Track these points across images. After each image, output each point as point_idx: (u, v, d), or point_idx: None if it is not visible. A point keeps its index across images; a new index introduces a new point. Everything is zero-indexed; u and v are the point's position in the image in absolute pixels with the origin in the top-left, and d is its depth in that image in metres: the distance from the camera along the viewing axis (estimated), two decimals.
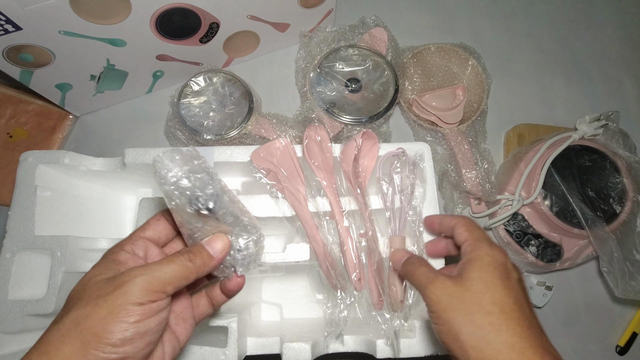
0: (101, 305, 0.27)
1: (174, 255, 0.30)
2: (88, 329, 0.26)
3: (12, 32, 0.46)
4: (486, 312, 0.31)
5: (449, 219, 0.41)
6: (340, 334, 0.44)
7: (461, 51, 0.67)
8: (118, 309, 0.26)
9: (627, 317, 0.64)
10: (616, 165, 0.60)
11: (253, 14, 0.59)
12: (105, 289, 0.27)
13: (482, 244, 0.36)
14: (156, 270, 0.28)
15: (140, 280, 0.27)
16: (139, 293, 0.27)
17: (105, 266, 0.30)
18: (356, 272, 0.45)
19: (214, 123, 0.58)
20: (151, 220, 0.33)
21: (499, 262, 0.34)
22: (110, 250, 0.31)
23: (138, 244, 0.32)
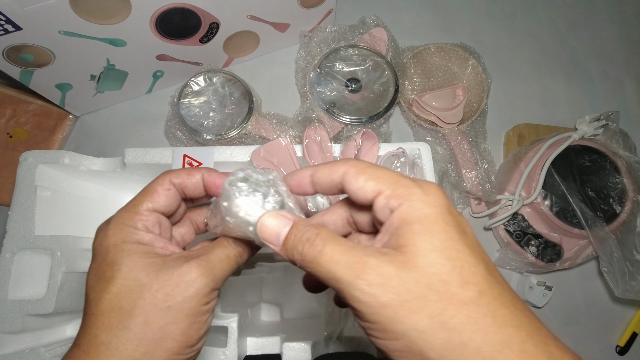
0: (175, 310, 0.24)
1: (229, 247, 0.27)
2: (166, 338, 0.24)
3: (12, 32, 0.46)
4: (460, 303, 0.20)
5: (327, 173, 0.25)
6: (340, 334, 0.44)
7: (461, 51, 0.67)
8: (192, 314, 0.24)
9: (627, 317, 0.64)
10: (616, 165, 0.60)
11: (253, 14, 0.59)
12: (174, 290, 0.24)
13: (410, 190, 0.22)
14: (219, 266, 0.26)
15: (210, 281, 0.25)
16: (208, 294, 0.25)
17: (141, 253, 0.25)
18: None
19: (214, 123, 0.58)
20: (159, 188, 0.27)
21: (445, 211, 0.22)
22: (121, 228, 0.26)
23: (151, 219, 0.27)
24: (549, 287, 0.60)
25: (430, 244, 0.20)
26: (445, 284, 0.20)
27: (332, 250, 0.22)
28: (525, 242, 0.60)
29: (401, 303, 0.20)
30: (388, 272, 0.20)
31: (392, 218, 0.22)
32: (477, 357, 0.19)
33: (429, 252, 0.20)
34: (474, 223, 0.65)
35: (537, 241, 0.60)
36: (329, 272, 0.21)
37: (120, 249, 0.25)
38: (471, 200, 0.64)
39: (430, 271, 0.20)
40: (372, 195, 0.23)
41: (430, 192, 0.22)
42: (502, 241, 0.62)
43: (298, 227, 0.24)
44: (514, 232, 0.61)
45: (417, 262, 0.20)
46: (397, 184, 0.22)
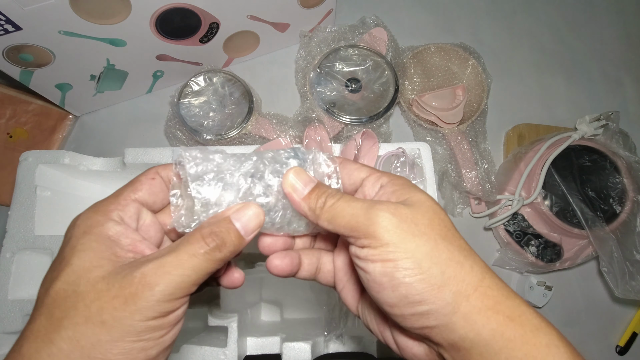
0: (112, 327, 0.20)
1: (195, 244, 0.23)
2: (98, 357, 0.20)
3: (12, 32, 0.46)
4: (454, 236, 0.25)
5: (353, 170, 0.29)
6: (340, 334, 0.44)
7: (461, 51, 0.67)
8: (136, 331, 0.21)
9: (627, 317, 0.64)
10: (616, 165, 0.60)
11: (253, 14, 0.59)
12: (112, 302, 0.21)
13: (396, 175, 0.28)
14: (178, 272, 0.22)
15: (160, 291, 0.21)
16: (158, 307, 0.21)
17: (95, 251, 0.22)
18: None
19: (214, 123, 0.58)
20: (143, 178, 0.26)
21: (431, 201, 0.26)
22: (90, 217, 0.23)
23: (128, 209, 0.24)
24: (549, 287, 0.60)
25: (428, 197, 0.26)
26: (443, 221, 0.25)
27: (348, 197, 0.25)
28: (525, 242, 0.60)
29: (412, 226, 0.24)
30: (400, 206, 0.24)
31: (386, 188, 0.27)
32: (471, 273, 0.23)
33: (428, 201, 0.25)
34: (474, 223, 0.65)
35: (537, 241, 0.60)
36: (349, 208, 0.25)
37: (77, 242, 0.22)
38: (471, 200, 0.64)
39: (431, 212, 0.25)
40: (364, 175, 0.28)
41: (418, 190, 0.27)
42: (502, 241, 0.62)
43: (322, 184, 0.27)
44: (514, 232, 0.61)
45: (422, 204, 0.25)
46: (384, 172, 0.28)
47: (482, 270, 0.24)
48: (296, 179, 0.26)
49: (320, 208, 0.25)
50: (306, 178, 0.26)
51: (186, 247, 0.22)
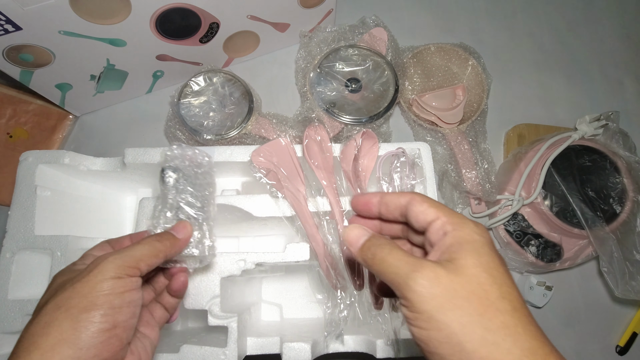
0: (80, 287, 0.28)
1: (142, 240, 0.33)
2: (74, 307, 0.27)
3: (12, 32, 0.46)
4: (497, 310, 0.24)
5: (396, 197, 0.31)
6: (340, 334, 0.44)
7: (461, 51, 0.67)
8: (100, 284, 0.28)
9: (627, 317, 0.64)
10: (616, 165, 0.60)
11: (253, 14, 0.59)
12: (81, 274, 0.29)
13: (464, 220, 0.28)
14: (127, 250, 0.31)
15: (113, 259, 0.30)
16: (114, 270, 0.29)
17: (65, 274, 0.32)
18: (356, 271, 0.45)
19: (214, 123, 0.58)
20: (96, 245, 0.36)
21: (490, 243, 0.27)
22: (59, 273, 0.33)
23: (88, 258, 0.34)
24: (549, 287, 0.60)
25: (478, 261, 0.25)
26: (486, 293, 0.24)
27: (397, 253, 0.27)
28: (525, 242, 0.60)
29: (448, 298, 0.24)
30: (440, 272, 0.25)
31: (446, 238, 0.27)
32: (507, 357, 0.23)
33: (475, 267, 0.25)
34: None
35: (537, 241, 0.60)
36: (392, 266, 0.27)
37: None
38: (471, 200, 0.64)
39: (476, 281, 0.25)
40: (431, 219, 0.28)
41: (479, 226, 0.28)
42: (502, 241, 0.62)
43: (375, 236, 0.30)
44: (514, 232, 0.61)
45: (465, 271, 0.25)
46: (452, 214, 0.28)
47: (523, 353, 0.23)
48: (350, 234, 0.30)
49: (371, 259, 0.28)
50: (359, 232, 0.30)
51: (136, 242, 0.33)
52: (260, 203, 0.47)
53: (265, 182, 0.47)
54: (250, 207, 0.47)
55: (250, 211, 0.47)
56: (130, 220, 0.58)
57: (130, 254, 0.31)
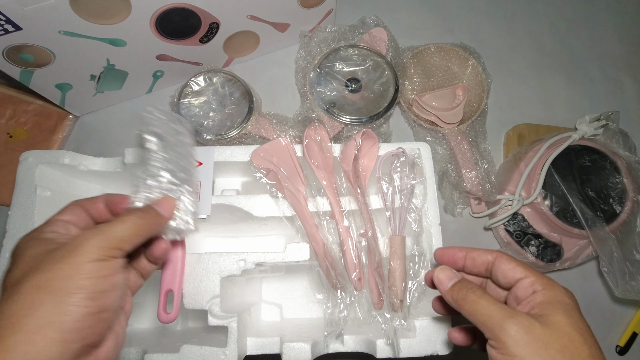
0: (63, 268, 0.26)
1: (124, 215, 0.31)
2: (58, 289, 0.26)
3: (12, 32, 0.46)
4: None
5: (482, 254, 0.34)
6: (340, 333, 0.44)
7: (461, 51, 0.67)
8: (83, 266, 0.27)
9: (627, 317, 0.64)
10: (616, 165, 0.60)
11: (253, 14, 0.59)
12: (60, 252, 0.27)
13: (553, 282, 0.31)
14: (110, 230, 0.29)
15: (95, 241, 0.28)
16: (97, 252, 0.27)
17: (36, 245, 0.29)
18: (356, 271, 0.45)
19: (214, 123, 0.58)
20: (66, 209, 0.32)
21: (578, 307, 0.30)
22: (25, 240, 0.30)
23: (58, 225, 0.31)
24: None
25: (570, 321, 0.28)
26: (578, 350, 0.26)
27: (489, 298, 0.30)
28: (525, 242, 0.60)
29: (542, 347, 0.26)
30: (534, 323, 0.27)
31: (536, 296, 0.30)
32: None
33: (568, 325, 0.27)
34: (474, 223, 0.65)
35: (537, 241, 0.60)
36: (486, 308, 0.29)
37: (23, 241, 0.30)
38: (471, 200, 0.64)
39: (568, 338, 0.27)
40: (519, 277, 0.31)
41: (568, 290, 0.31)
42: (502, 241, 0.62)
43: (465, 279, 0.33)
44: (514, 232, 0.61)
45: (559, 328, 0.27)
46: (541, 274, 0.31)
47: None
48: (441, 275, 0.33)
49: (462, 299, 0.31)
50: (450, 274, 0.33)
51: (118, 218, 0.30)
52: (260, 203, 0.47)
53: (265, 182, 0.47)
54: (250, 207, 0.47)
55: (250, 211, 0.47)
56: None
57: (113, 234, 0.29)
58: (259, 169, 0.47)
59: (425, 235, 0.47)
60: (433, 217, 0.48)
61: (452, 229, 0.65)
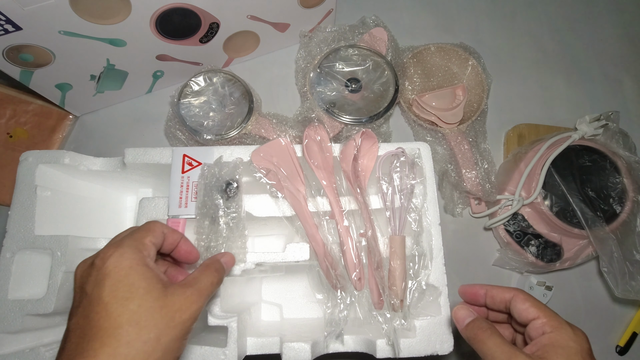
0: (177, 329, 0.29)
1: (211, 275, 0.34)
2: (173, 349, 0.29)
3: (12, 32, 0.46)
4: None
5: (500, 291, 0.36)
6: (340, 333, 0.44)
7: (461, 51, 0.67)
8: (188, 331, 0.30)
9: (627, 317, 0.64)
10: (616, 165, 0.60)
11: (253, 14, 0.59)
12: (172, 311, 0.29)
13: (563, 325, 0.33)
14: (206, 292, 0.32)
15: (198, 305, 0.31)
16: (195, 321, 0.31)
17: (151, 279, 0.30)
18: (356, 271, 0.45)
19: (214, 123, 0.58)
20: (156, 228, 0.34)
21: (585, 351, 0.32)
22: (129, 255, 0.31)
23: (151, 250, 0.33)
24: (549, 287, 0.60)
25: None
26: None
27: (496, 339, 0.32)
28: (525, 242, 0.60)
29: None
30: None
31: (543, 337, 0.32)
32: None
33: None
34: (474, 223, 0.65)
35: (537, 241, 0.60)
36: (491, 350, 0.32)
37: (136, 271, 0.30)
38: (471, 200, 0.64)
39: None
40: (532, 317, 0.34)
41: (578, 334, 0.33)
42: (502, 241, 0.62)
43: (479, 319, 0.35)
44: (514, 232, 0.61)
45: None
46: (553, 316, 0.34)
47: None
48: (458, 313, 0.36)
49: (473, 338, 0.34)
50: (465, 313, 0.36)
51: (208, 278, 0.33)
52: (260, 203, 0.47)
53: (265, 182, 0.47)
54: (250, 207, 0.47)
55: (250, 211, 0.47)
56: (130, 220, 0.58)
57: (207, 296, 0.32)
58: (259, 169, 0.47)
59: (425, 235, 0.47)
60: (433, 217, 0.48)
61: (452, 229, 0.65)
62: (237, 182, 0.46)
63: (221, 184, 0.45)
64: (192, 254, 0.38)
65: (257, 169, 0.47)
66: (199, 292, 0.32)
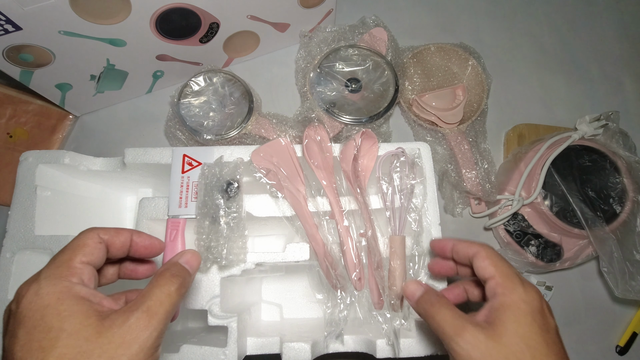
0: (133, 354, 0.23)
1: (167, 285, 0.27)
2: None
3: (12, 32, 0.46)
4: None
5: (465, 246, 0.35)
6: (340, 333, 0.44)
7: (461, 51, 0.67)
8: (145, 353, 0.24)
9: (627, 317, 0.64)
10: (616, 165, 0.60)
11: (253, 14, 0.59)
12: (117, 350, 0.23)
13: (515, 285, 0.31)
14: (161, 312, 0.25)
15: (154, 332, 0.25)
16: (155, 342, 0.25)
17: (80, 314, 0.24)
18: (356, 271, 0.45)
19: (214, 123, 0.58)
20: (90, 242, 0.28)
21: (536, 311, 0.30)
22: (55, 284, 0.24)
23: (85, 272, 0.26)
24: (549, 287, 0.60)
25: (516, 330, 0.28)
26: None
27: (444, 313, 0.31)
28: (525, 242, 0.60)
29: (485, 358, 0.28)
30: (480, 337, 0.29)
31: (495, 300, 0.31)
32: None
33: (513, 336, 0.28)
34: (474, 223, 0.65)
35: (537, 241, 0.60)
36: (440, 325, 0.31)
37: (56, 311, 0.23)
38: (471, 200, 0.64)
39: (511, 349, 0.28)
40: (488, 276, 0.32)
41: (529, 293, 0.31)
42: (502, 241, 0.62)
43: (428, 292, 0.34)
44: (514, 232, 0.61)
45: (503, 339, 0.28)
46: (507, 276, 0.31)
47: None
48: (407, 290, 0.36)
49: (423, 315, 0.33)
50: (414, 288, 0.35)
51: (159, 290, 0.26)
52: (260, 203, 0.47)
53: (265, 182, 0.47)
54: (250, 207, 0.47)
55: (250, 211, 0.47)
56: (130, 220, 0.58)
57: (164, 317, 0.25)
58: (259, 169, 0.47)
59: (425, 235, 0.47)
60: (433, 217, 0.48)
61: (452, 229, 0.65)
62: (238, 182, 0.46)
63: (222, 184, 0.45)
64: (153, 247, 0.31)
65: (257, 169, 0.47)
66: (149, 312, 0.24)
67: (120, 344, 0.23)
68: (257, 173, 0.47)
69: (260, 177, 0.47)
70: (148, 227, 0.47)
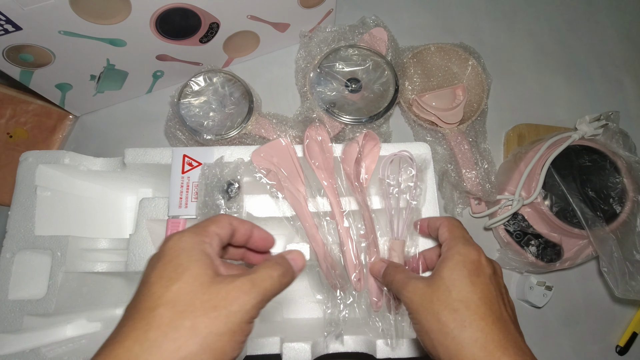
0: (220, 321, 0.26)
1: (270, 268, 0.30)
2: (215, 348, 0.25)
3: (12, 32, 0.46)
4: (452, 309, 0.32)
5: (434, 220, 0.42)
6: (340, 334, 0.44)
7: (461, 51, 0.67)
8: (241, 329, 0.27)
9: (627, 317, 0.64)
10: (616, 165, 0.60)
11: (253, 14, 0.59)
12: (217, 299, 0.26)
13: (457, 242, 0.37)
14: (264, 287, 0.29)
15: (255, 301, 0.27)
16: (254, 312, 0.28)
17: (204, 263, 0.28)
18: (356, 272, 0.45)
19: (214, 123, 0.58)
20: (222, 220, 0.32)
21: (469, 260, 0.35)
22: (192, 238, 0.29)
23: (215, 239, 0.31)
24: (549, 287, 0.60)
25: (447, 274, 0.35)
26: (446, 297, 0.33)
27: (399, 276, 0.39)
28: (525, 242, 0.60)
29: (422, 303, 0.34)
30: (419, 285, 0.35)
31: (441, 257, 0.37)
32: (453, 343, 0.32)
33: (444, 279, 0.34)
34: (474, 223, 0.65)
35: (537, 241, 0.60)
36: (394, 285, 0.39)
37: (188, 254, 0.28)
38: (471, 200, 0.64)
39: (441, 290, 0.34)
40: (442, 240, 0.39)
41: (467, 246, 0.36)
42: (502, 241, 0.62)
43: (389, 266, 0.42)
44: (514, 232, 0.61)
45: (436, 284, 0.35)
46: (455, 238, 0.38)
47: (472, 339, 0.31)
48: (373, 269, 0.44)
49: (389, 284, 0.40)
50: (379, 265, 0.43)
51: (265, 270, 0.30)
52: (260, 203, 0.47)
53: (265, 182, 0.47)
54: (251, 207, 0.47)
55: (250, 211, 0.47)
56: (130, 220, 0.58)
57: (267, 293, 0.29)
58: (259, 169, 0.47)
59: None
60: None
61: None
62: (238, 183, 0.45)
63: (222, 184, 0.45)
64: (268, 240, 0.36)
65: (257, 169, 0.47)
66: (252, 281, 0.28)
67: (224, 297, 0.26)
68: (257, 173, 0.47)
69: (260, 177, 0.47)
70: (148, 228, 0.47)
